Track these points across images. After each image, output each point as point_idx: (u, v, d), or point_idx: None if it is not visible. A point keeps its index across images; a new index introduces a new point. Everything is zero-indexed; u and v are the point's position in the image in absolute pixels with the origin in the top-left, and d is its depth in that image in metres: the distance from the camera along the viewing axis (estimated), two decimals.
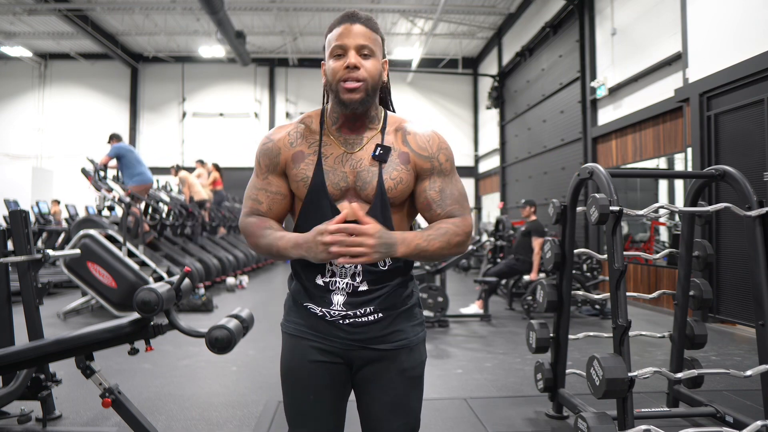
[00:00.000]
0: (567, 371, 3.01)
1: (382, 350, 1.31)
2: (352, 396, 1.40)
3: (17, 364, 2.07)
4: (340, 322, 1.29)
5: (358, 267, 1.26)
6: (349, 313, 1.28)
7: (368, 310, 1.28)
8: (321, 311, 1.30)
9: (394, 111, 1.40)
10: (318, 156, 1.28)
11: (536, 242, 6.23)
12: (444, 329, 5.48)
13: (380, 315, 1.30)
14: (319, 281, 1.29)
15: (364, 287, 1.27)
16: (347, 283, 1.27)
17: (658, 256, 2.98)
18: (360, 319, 1.29)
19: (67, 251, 3.25)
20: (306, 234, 1.19)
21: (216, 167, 11.40)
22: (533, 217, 6.56)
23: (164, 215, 8.07)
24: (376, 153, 1.27)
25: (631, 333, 2.48)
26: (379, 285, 1.28)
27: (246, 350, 4.40)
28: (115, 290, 5.64)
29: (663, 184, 7.46)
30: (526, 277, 6.50)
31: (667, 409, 2.91)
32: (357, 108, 1.24)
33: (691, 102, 5.98)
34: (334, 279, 1.28)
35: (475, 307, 6.05)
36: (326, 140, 1.30)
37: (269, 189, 1.32)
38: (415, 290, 1.39)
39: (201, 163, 11.28)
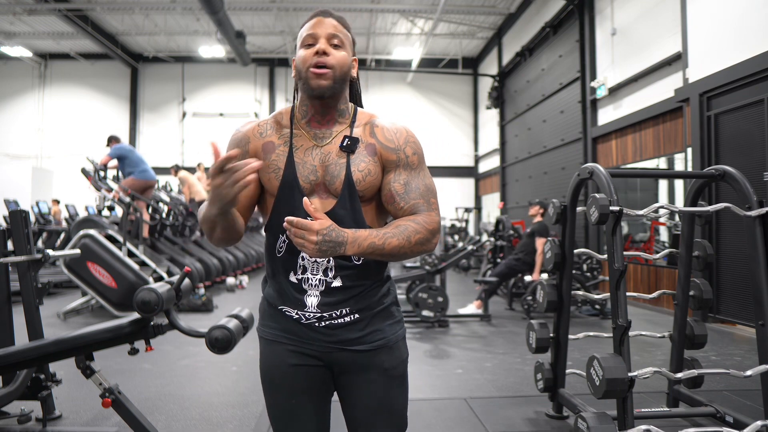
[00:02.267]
0: (567, 371, 3.01)
1: (361, 351, 1.29)
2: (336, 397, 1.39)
3: (17, 364, 2.08)
4: (316, 324, 1.27)
5: (331, 262, 1.25)
6: (324, 314, 1.25)
7: (344, 311, 1.26)
8: (297, 314, 1.27)
9: (361, 105, 1.40)
10: (289, 147, 1.27)
11: (539, 242, 6.23)
12: (444, 329, 5.48)
13: (356, 316, 1.28)
14: (293, 278, 1.26)
15: (337, 283, 1.25)
16: (320, 279, 1.25)
17: (658, 256, 2.97)
18: (336, 321, 1.27)
19: (67, 251, 3.24)
20: None
21: None
22: (539, 218, 6.55)
23: (164, 215, 8.07)
24: (344, 144, 1.26)
25: (631, 333, 2.48)
26: (353, 282, 1.26)
27: (246, 350, 4.40)
28: (115, 290, 5.64)
29: (663, 184, 7.46)
30: (528, 278, 6.50)
31: (667, 409, 2.91)
32: (325, 93, 1.23)
33: (691, 102, 5.98)
34: (306, 275, 1.25)
35: (473, 308, 6.04)
36: (296, 132, 1.29)
37: None
38: (392, 289, 1.37)
39: (200, 166, 11.26)
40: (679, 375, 2.38)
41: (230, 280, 8.25)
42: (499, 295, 7.47)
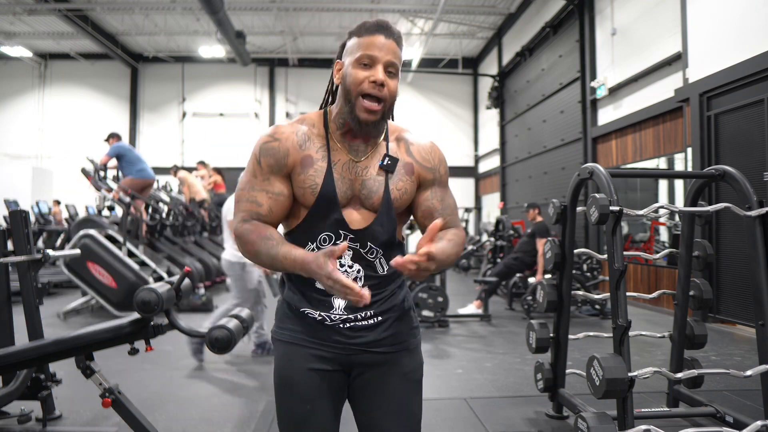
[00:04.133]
0: (567, 371, 3.01)
1: (384, 353, 1.31)
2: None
3: (17, 364, 2.08)
4: (340, 326, 1.28)
5: (360, 272, 1.27)
6: (349, 316, 1.27)
7: (368, 313, 1.28)
8: (320, 315, 1.27)
9: (393, 119, 1.41)
10: (328, 163, 1.25)
11: (540, 243, 6.24)
12: (444, 329, 5.48)
13: (379, 318, 1.30)
14: (319, 285, 1.25)
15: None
16: None
17: (658, 256, 2.98)
18: (360, 323, 1.28)
19: (67, 251, 3.24)
20: (312, 257, 1.12)
21: (217, 170, 11.39)
22: (539, 219, 6.62)
23: (164, 215, 8.07)
24: (384, 163, 1.28)
25: (631, 333, 2.48)
26: (379, 290, 1.29)
27: (246, 350, 4.40)
28: (115, 290, 5.64)
29: (663, 184, 7.45)
30: (532, 279, 6.51)
31: (667, 409, 2.91)
32: (371, 130, 1.25)
33: (691, 102, 5.98)
34: None
35: (472, 308, 6.04)
36: (333, 145, 1.27)
37: (271, 190, 1.25)
38: (408, 294, 1.40)
39: (203, 164, 11.26)
40: (679, 375, 2.38)
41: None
42: (499, 295, 7.47)
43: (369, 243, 1.26)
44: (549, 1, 10.51)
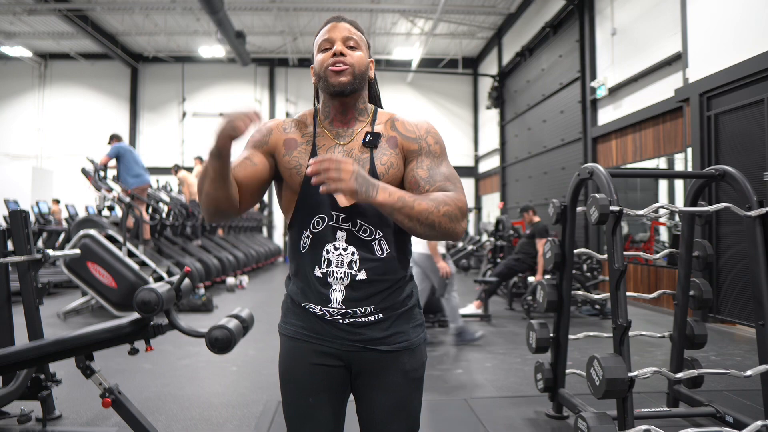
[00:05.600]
0: (567, 371, 3.01)
1: (384, 352, 1.30)
2: (352, 398, 1.39)
3: (17, 364, 2.07)
4: (340, 321, 1.28)
5: (355, 255, 1.25)
6: (348, 311, 1.26)
7: (368, 309, 1.27)
8: (320, 310, 1.28)
9: (381, 107, 1.43)
10: (312, 146, 1.30)
11: (540, 243, 6.25)
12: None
13: (380, 315, 1.29)
14: (317, 272, 1.27)
15: (362, 276, 1.25)
16: (345, 272, 1.25)
17: (658, 256, 2.97)
18: (360, 319, 1.28)
19: (67, 251, 3.24)
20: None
21: None
22: (536, 219, 6.64)
23: (164, 215, 8.07)
24: (366, 139, 1.29)
25: (631, 333, 2.48)
26: (378, 275, 1.27)
27: (246, 350, 4.40)
28: (115, 290, 5.64)
29: (663, 184, 7.46)
30: (532, 279, 6.51)
31: (667, 409, 2.91)
32: (345, 89, 1.26)
33: (691, 102, 5.98)
34: (331, 269, 1.26)
35: (472, 308, 6.04)
36: (319, 132, 1.33)
37: (245, 156, 1.32)
38: (415, 291, 1.39)
39: (201, 160, 11.24)
40: (679, 375, 2.38)
41: (230, 280, 8.25)
42: (499, 295, 7.47)
43: (359, 221, 1.25)
44: (549, 1, 10.51)
